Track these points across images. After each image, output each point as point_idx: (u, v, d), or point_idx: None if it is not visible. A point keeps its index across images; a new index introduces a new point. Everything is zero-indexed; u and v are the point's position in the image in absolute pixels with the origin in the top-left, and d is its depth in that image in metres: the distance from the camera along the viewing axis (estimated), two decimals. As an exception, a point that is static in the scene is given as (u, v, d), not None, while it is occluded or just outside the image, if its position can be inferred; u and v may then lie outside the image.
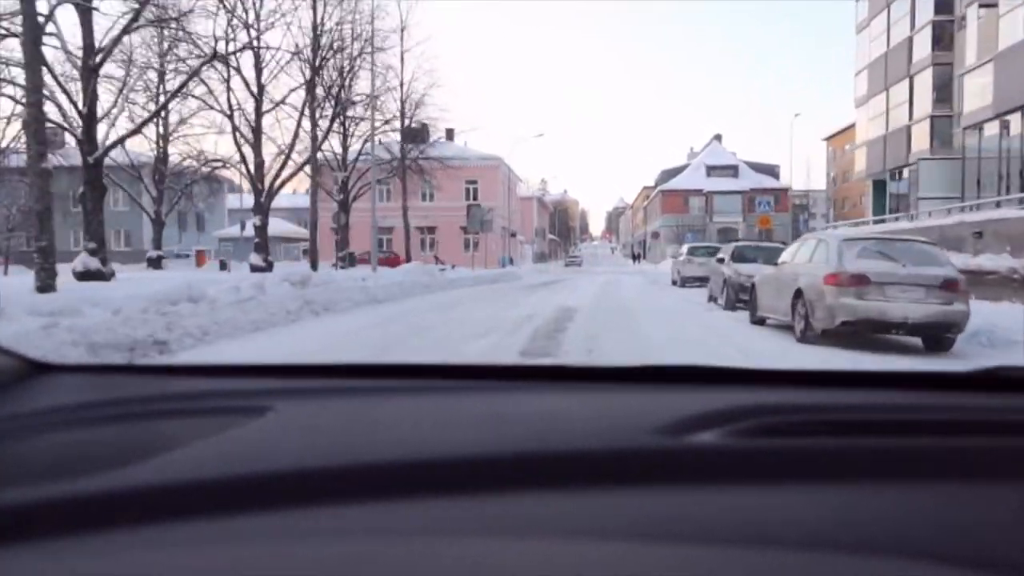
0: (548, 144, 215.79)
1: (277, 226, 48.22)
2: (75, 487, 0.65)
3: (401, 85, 31.58)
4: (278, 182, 25.11)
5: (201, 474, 0.68)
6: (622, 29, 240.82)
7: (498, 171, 47.92)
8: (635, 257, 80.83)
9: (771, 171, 70.81)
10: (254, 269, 23.96)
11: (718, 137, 74.23)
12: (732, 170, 67.92)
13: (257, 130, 23.98)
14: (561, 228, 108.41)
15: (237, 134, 24.14)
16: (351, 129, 33.05)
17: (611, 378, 1.08)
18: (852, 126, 64.92)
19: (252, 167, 24.33)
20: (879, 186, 32.05)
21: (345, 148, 32.63)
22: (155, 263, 33.37)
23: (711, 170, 67.95)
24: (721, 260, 13.89)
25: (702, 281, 21.98)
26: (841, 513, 0.63)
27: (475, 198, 45.98)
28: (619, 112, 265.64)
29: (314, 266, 23.45)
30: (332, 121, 26.69)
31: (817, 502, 0.65)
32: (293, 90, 24.56)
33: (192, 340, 7.69)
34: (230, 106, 23.99)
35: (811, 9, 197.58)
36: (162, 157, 32.70)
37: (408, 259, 31.53)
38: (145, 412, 0.93)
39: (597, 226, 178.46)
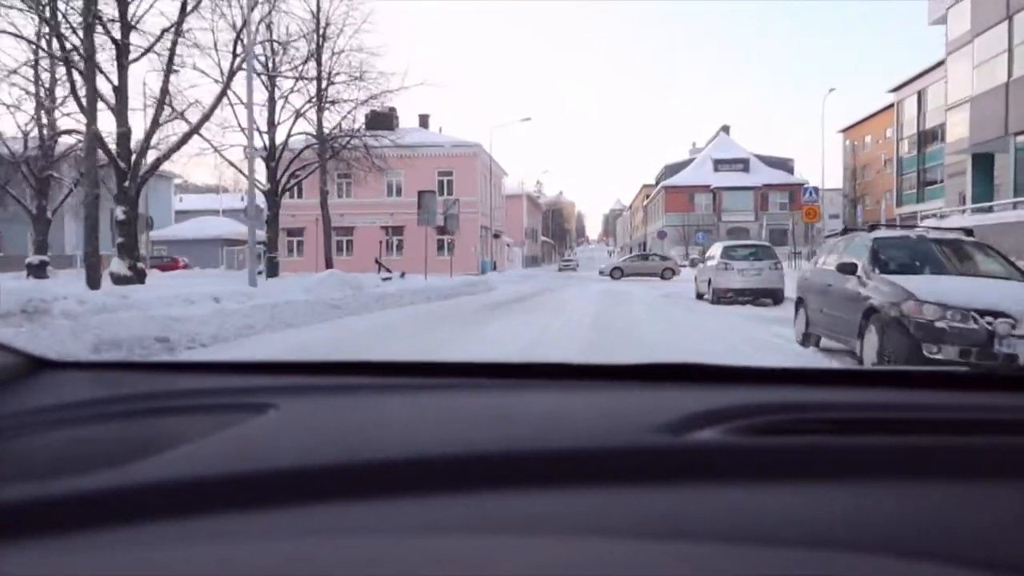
0: (543, 146, 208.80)
1: (217, 226, 41.59)
2: (78, 484, 0.65)
3: (317, 27, 24.53)
4: (147, 158, 18.17)
5: (204, 471, 0.68)
6: (617, 21, 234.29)
7: (476, 160, 40.86)
8: (634, 260, 75.28)
9: (784, 165, 64.52)
10: (117, 280, 17.24)
11: (725, 129, 67.75)
12: (742, 164, 61.53)
13: (121, 88, 17.15)
14: (555, 230, 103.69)
15: (82, 92, 17.07)
16: (283, 103, 26.35)
17: (612, 376, 1.06)
18: (873, 116, 58.77)
19: (115, 138, 17.45)
20: (983, 161, 23.27)
21: (272, 125, 25.88)
22: (37, 270, 26.58)
23: (719, 164, 61.60)
24: (850, 269, 6.72)
25: (742, 295, 15.15)
26: (842, 511, 0.63)
27: (450, 191, 39.20)
28: (615, 110, 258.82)
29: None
30: (229, 78, 19.78)
31: (818, 500, 0.65)
32: (166, 30, 17.54)
33: None
34: (61, 45, 17.03)
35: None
36: (48, 140, 25.95)
37: (329, 264, 24.55)
38: (148, 409, 0.92)
39: (594, 229, 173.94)
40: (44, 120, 25.70)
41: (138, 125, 21.24)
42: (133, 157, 17.64)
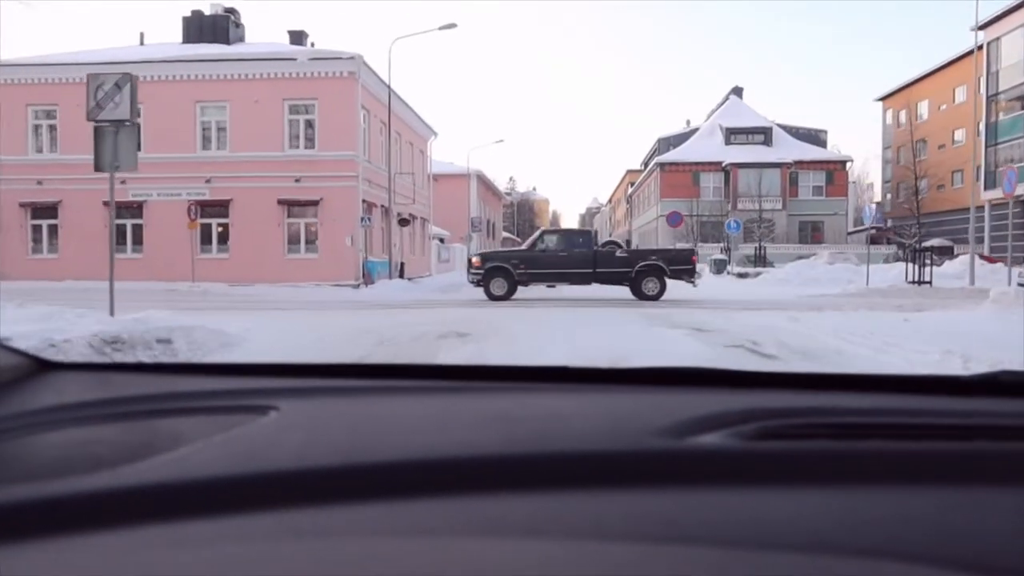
0: (515, 143, 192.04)
1: None
2: (80, 485, 0.66)
3: None
4: None
5: (204, 473, 0.69)
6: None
7: (354, 86, 23.02)
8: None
9: (815, 138, 49.22)
10: None
11: (737, 91, 52.14)
12: (762, 135, 45.88)
13: None
14: (523, 226, 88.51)
15: None
16: None
17: (615, 380, 1.06)
18: (933, 74, 43.69)
19: None
20: None
21: None
22: None
23: (732, 135, 45.82)
24: None
25: None
26: (843, 516, 0.63)
27: (309, 141, 22.70)
28: (593, 94, 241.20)
29: None
30: None
31: (819, 505, 0.65)
32: None
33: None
34: None
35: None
36: None
37: None
38: (149, 411, 0.93)
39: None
40: None
41: None
42: None
